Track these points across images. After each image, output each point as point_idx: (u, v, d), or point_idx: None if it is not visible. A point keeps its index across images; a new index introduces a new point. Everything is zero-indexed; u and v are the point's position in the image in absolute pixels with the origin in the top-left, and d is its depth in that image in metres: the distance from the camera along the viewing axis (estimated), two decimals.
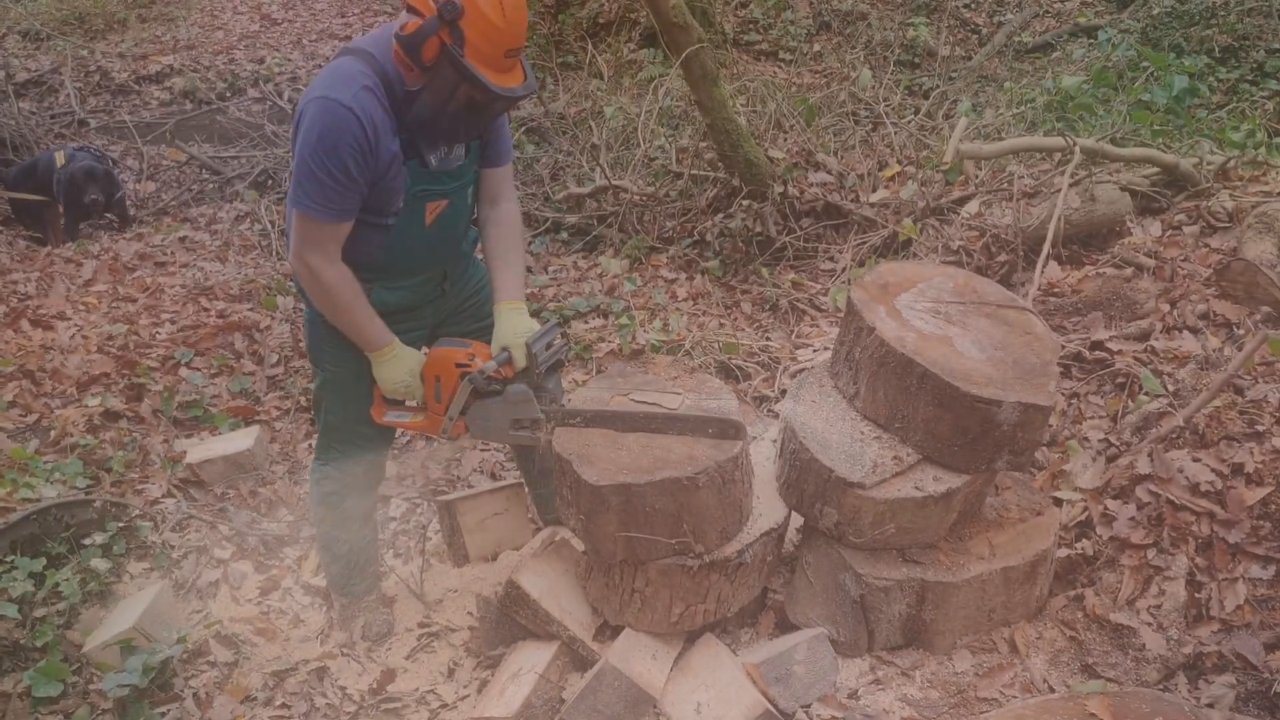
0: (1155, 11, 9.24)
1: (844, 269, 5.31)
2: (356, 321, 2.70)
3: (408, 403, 2.95)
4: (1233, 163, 4.91)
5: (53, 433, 4.09)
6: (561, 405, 2.76)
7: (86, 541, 3.44)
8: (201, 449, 4.13)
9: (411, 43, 2.39)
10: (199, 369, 4.80)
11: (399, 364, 2.79)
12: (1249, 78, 8.23)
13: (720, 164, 5.96)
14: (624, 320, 5.09)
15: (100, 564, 3.38)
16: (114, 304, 5.52)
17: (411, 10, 2.40)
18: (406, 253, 2.77)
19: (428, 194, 2.68)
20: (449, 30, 2.35)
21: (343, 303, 2.66)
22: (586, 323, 5.28)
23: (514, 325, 2.77)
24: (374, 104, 2.45)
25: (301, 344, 5.06)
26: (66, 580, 3.26)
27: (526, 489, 3.60)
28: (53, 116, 9.34)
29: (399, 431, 3.25)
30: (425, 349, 2.90)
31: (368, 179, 2.52)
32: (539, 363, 2.70)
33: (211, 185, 8.15)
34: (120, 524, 3.56)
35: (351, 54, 2.51)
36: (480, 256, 3.08)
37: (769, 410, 4.26)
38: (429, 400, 2.84)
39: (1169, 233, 4.53)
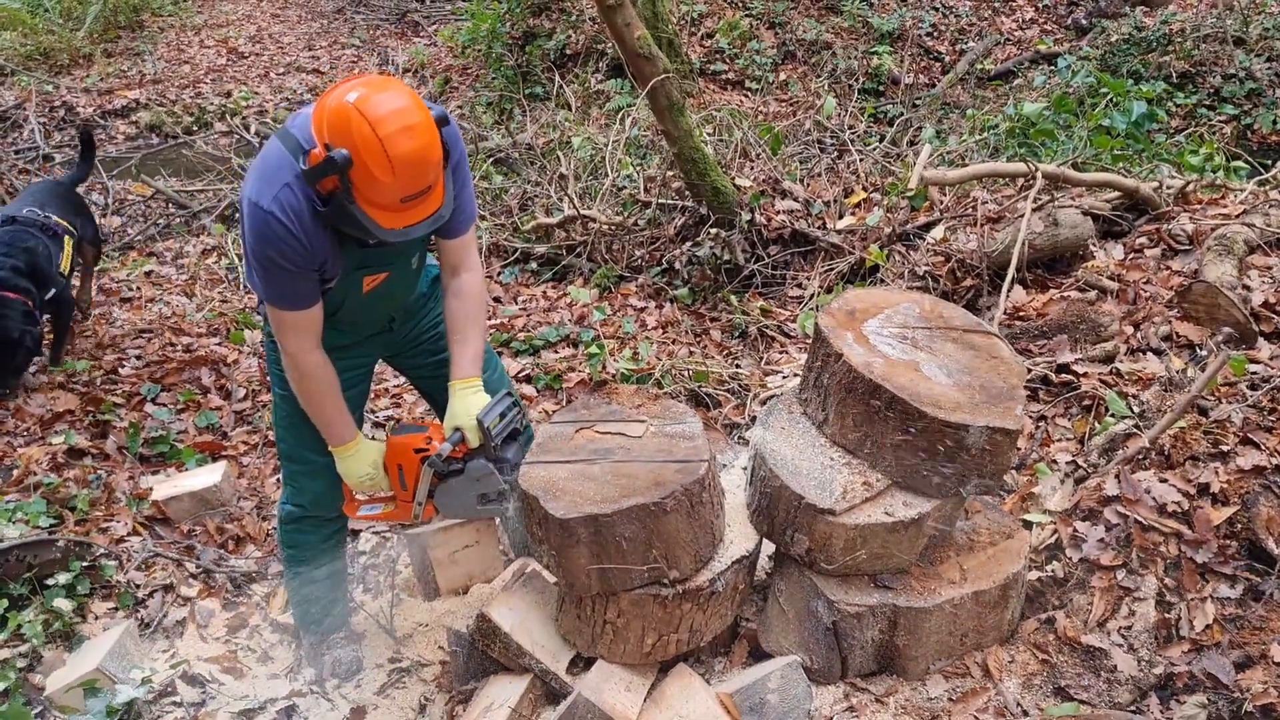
0: (1114, 39, 9.40)
1: (812, 295, 5.34)
2: (325, 413, 2.75)
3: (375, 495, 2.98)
4: (1192, 186, 4.98)
5: (15, 471, 4.03)
6: None
7: (50, 582, 3.38)
8: (168, 486, 4.07)
9: (310, 176, 2.36)
10: (165, 404, 4.75)
11: (361, 459, 2.82)
12: (1206, 102, 8.38)
13: (688, 193, 5.99)
14: (593, 349, 5.09)
15: (64, 604, 3.32)
16: (77, 340, 5.46)
17: (319, 141, 2.37)
18: (345, 311, 2.79)
19: (365, 270, 2.68)
20: (339, 177, 2.33)
21: (315, 393, 2.71)
22: (556, 352, 5.27)
23: (465, 404, 2.77)
24: (298, 201, 2.40)
25: (269, 378, 5.02)
26: (29, 622, 3.20)
27: (498, 520, 3.58)
28: (16, 152, 9.26)
29: None
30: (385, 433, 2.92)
31: (309, 267, 2.50)
32: (494, 435, 2.72)
33: (178, 220, 8.09)
34: (84, 563, 3.50)
35: (281, 139, 2.47)
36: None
37: (739, 437, 4.27)
38: (395, 489, 2.88)
39: (1131, 256, 4.59)
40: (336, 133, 2.31)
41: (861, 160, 6.56)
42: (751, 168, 6.41)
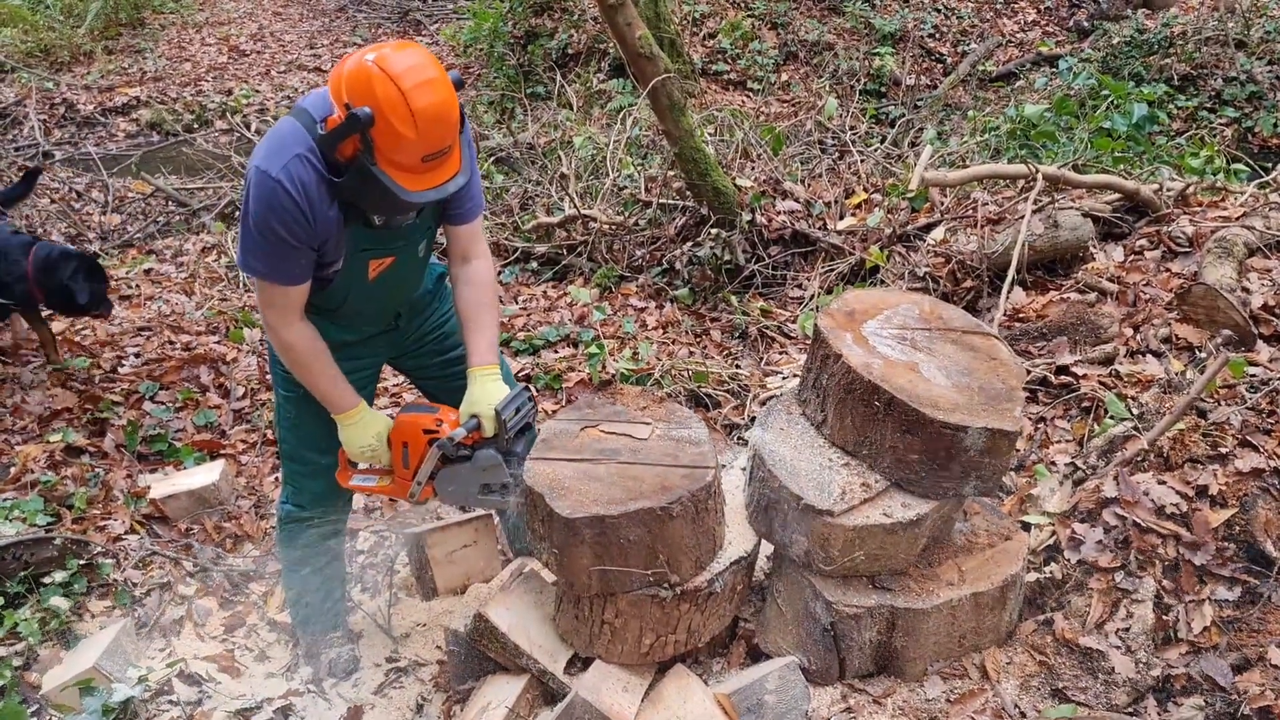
0: (1115, 41, 9.41)
1: (812, 296, 5.34)
2: (319, 382, 2.70)
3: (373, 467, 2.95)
4: (1192, 188, 4.98)
5: (13, 469, 4.03)
6: None
7: (46, 580, 3.38)
8: (166, 484, 4.07)
9: (328, 141, 2.36)
10: (164, 403, 4.75)
11: (364, 428, 2.78)
12: (1207, 105, 8.40)
13: (689, 193, 5.99)
14: (593, 349, 5.09)
15: (60, 603, 3.32)
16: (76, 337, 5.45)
17: (338, 104, 2.37)
18: (349, 303, 2.75)
19: (370, 253, 2.65)
20: (360, 136, 2.31)
21: (303, 362, 2.66)
22: (556, 352, 5.26)
23: (485, 392, 2.74)
24: (307, 173, 2.39)
25: (268, 377, 5.02)
26: (25, 620, 3.20)
27: (497, 520, 3.58)
28: (16, 149, 9.26)
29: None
30: (391, 414, 2.90)
31: (309, 243, 2.48)
32: (508, 427, 2.71)
33: (178, 217, 8.09)
34: (81, 562, 3.50)
35: (294, 115, 2.46)
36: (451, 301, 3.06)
37: (739, 438, 4.26)
38: (396, 466, 2.85)
39: (1131, 258, 4.59)
40: (357, 92, 2.29)
41: (862, 161, 6.55)
42: (752, 168, 6.41)
